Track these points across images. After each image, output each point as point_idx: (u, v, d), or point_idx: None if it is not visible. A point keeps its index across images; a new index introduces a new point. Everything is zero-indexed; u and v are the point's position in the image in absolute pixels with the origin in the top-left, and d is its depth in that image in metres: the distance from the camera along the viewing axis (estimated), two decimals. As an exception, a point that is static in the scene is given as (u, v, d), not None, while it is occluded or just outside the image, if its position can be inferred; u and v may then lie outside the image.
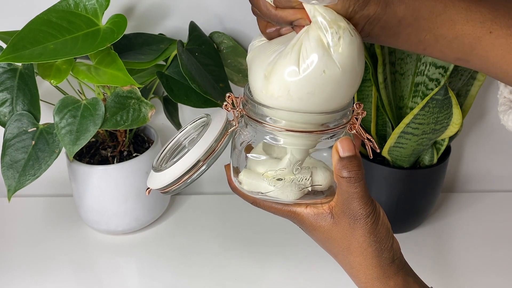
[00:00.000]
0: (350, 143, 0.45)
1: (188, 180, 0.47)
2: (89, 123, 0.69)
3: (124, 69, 0.68)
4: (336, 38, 0.40)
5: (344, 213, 0.46)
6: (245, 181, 0.48)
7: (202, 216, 0.90)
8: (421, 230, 0.86)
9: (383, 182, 0.79)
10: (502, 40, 0.43)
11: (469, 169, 0.97)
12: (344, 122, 0.46)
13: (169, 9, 0.83)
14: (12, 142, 0.71)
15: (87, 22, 0.68)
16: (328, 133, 0.45)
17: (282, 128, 0.44)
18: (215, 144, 0.46)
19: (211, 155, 0.46)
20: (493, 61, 0.44)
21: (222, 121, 0.48)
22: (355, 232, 0.46)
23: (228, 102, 0.47)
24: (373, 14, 0.42)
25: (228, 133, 0.47)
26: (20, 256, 0.82)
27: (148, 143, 0.86)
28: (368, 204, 0.45)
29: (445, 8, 0.43)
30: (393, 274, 0.47)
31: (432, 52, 0.45)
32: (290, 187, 0.47)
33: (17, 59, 0.64)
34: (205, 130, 0.47)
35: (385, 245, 0.47)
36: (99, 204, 0.80)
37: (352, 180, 0.44)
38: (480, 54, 0.44)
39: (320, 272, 0.76)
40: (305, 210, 0.48)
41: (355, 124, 0.47)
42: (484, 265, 0.79)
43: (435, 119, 0.69)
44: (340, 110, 0.45)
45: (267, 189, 0.47)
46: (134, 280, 0.78)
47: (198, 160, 0.46)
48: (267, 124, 0.45)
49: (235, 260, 0.80)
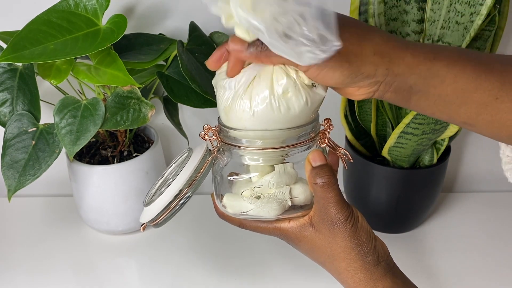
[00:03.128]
0: (320, 153, 0.48)
1: (176, 207, 0.50)
2: (89, 123, 0.69)
3: (124, 69, 0.68)
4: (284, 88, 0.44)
5: (323, 220, 0.48)
6: (228, 204, 0.51)
7: (201, 216, 0.90)
8: (421, 230, 0.86)
9: (383, 182, 0.79)
10: (507, 104, 0.44)
11: (469, 169, 0.97)
12: (312, 136, 0.48)
13: (169, 9, 0.83)
14: (12, 142, 0.71)
15: (87, 22, 0.68)
16: (299, 146, 0.48)
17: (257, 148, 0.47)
18: (196, 172, 0.49)
19: (193, 183, 0.49)
20: (498, 125, 0.45)
21: (201, 151, 0.51)
22: (336, 237, 0.47)
23: (205, 132, 0.50)
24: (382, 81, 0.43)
25: (208, 161, 0.50)
26: (20, 256, 0.82)
27: (148, 143, 0.86)
28: (345, 209, 0.47)
29: (456, 78, 0.44)
30: (380, 277, 0.47)
31: (440, 116, 0.47)
32: (270, 203, 0.49)
33: (17, 59, 0.64)
34: (186, 161, 0.51)
35: (367, 248, 0.48)
36: (99, 204, 0.80)
37: (325, 185, 0.46)
38: (485, 119, 0.45)
39: (320, 272, 0.76)
40: (289, 224, 0.49)
41: (325, 138, 0.49)
42: (484, 265, 0.79)
43: (435, 119, 0.69)
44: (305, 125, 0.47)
45: (248, 208, 0.49)
46: (134, 280, 0.78)
47: (181, 189, 0.49)
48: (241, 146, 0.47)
49: (235, 260, 0.80)
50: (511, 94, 0.44)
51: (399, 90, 0.44)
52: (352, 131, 0.81)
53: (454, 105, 0.45)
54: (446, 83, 0.44)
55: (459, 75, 0.44)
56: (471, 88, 0.44)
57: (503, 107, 0.44)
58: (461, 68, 0.44)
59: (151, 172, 0.81)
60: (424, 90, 0.44)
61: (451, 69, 0.43)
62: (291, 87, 0.44)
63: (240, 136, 0.47)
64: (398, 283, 0.48)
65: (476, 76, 0.44)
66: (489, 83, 0.44)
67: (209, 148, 0.51)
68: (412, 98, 0.45)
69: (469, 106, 0.45)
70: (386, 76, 0.43)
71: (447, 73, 0.43)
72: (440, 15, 0.64)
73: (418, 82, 0.44)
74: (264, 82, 0.44)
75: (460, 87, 0.44)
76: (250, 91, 0.45)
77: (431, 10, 0.64)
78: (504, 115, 0.44)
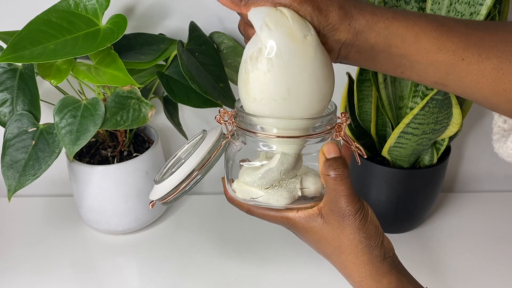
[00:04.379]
0: (336, 146, 0.48)
1: (186, 188, 0.50)
2: (89, 123, 0.69)
3: (124, 69, 0.68)
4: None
5: (332, 211, 0.48)
6: (238, 189, 0.51)
7: (202, 216, 0.90)
8: (421, 230, 0.86)
9: (383, 182, 0.79)
10: (474, 66, 0.44)
11: (469, 169, 0.97)
12: (328, 128, 0.48)
13: (169, 9, 0.83)
14: (12, 142, 0.71)
15: (87, 22, 0.68)
16: (314, 137, 0.48)
17: (272, 135, 0.47)
18: (209, 155, 0.49)
19: (205, 165, 0.49)
20: (470, 86, 0.46)
21: (216, 134, 0.51)
22: (345, 229, 0.47)
23: (221, 115, 0.50)
24: (344, 40, 0.45)
25: (222, 145, 0.50)
26: (20, 256, 0.82)
27: (148, 143, 0.86)
28: (355, 202, 0.47)
29: (417, 38, 0.44)
30: (386, 272, 0.47)
31: (410, 75, 0.48)
32: (280, 191, 0.49)
33: (17, 59, 0.64)
34: (200, 143, 0.51)
35: (375, 242, 0.48)
36: (99, 204, 0.80)
37: (338, 177, 0.46)
38: (456, 79, 0.46)
39: (320, 272, 0.76)
40: (297, 214, 0.49)
41: (340, 131, 0.50)
42: (484, 265, 0.79)
43: (435, 119, 0.69)
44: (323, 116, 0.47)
45: (258, 194, 0.49)
46: (134, 280, 0.78)
47: (193, 170, 0.49)
48: (256, 132, 0.47)
49: (235, 260, 0.80)
50: (477, 55, 0.44)
51: (362, 50, 0.45)
52: (352, 131, 0.81)
53: (421, 65, 0.45)
54: (408, 43, 0.44)
55: (419, 35, 0.44)
56: (434, 49, 0.44)
57: (471, 69, 0.44)
58: (421, 28, 0.44)
59: (151, 172, 0.81)
60: (387, 51, 0.45)
61: (410, 29, 0.44)
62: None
63: (258, 122, 0.47)
64: (403, 280, 0.48)
65: (438, 36, 0.44)
66: (451, 44, 0.44)
67: (224, 132, 0.51)
68: (377, 58, 0.46)
69: (437, 67, 0.45)
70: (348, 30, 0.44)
71: (407, 33, 0.44)
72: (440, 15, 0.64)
73: (378, 40, 0.45)
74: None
75: (423, 47, 0.44)
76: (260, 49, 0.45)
77: (431, 10, 0.64)
78: (473, 77, 0.45)
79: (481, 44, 0.44)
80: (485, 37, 0.44)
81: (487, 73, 0.44)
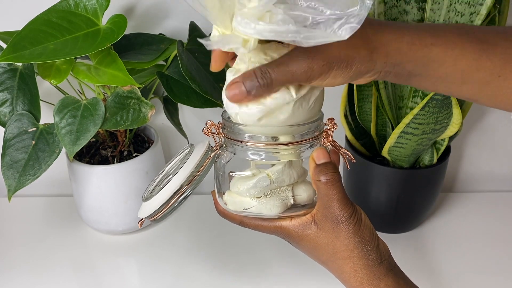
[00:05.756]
0: (325, 151, 0.48)
1: (176, 204, 0.49)
2: (89, 123, 0.69)
3: (124, 69, 0.68)
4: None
5: (326, 217, 0.47)
6: (230, 200, 0.51)
7: (201, 216, 0.90)
8: (421, 230, 0.86)
9: (383, 182, 0.79)
10: (510, 82, 0.44)
11: (469, 169, 0.97)
12: (316, 134, 0.48)
13: (169, 9, 0.83)
14: (12, 142, 0.71)
15: (87, 22, 0.68)
16: (303, 144, 0.48)
17: (261, 143, 0.47)
18: (197, 169, 0.49)
19: (194, 179, 0.49)
20: (503, 99, 0.45)
21: (204, 147, 0.50)
22: (340, 235, 0.47)
23: (208, 127, 0.50)
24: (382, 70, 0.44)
25: (210, 157, 0.50)
26: (20, 256, 0.82)
27: (148, 143, 0.86)
28: (348, 206, 0.47)
29: (455, 61, 0.44)
30: (383, 276, 0.47)
31: (443, 92, 0.48)
32: (273, 200, 0.49)
33: (17, 59, 0.64)
34: (187, 157, 0.50)
35: (371, 246, 0.48)
36: (99, 204, 0.80)
37: (329, 182, 0.46)
38: (489, 94, 0.45)
39: (320, 271, 0.76)
40: (290, 222, 0.49)
41: (328, 137, 0.50)
42: (484, 265, 0.79)
43: (435, 119, 0.69)
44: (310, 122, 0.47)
45: (250, 204, 0.49)
46: (134, 280, 0.78)
47: (181, 185, 0.48)
48: (245, 141, 0.47)
49: (235, 260, 0.80)
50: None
51: (398, 75, 0.45)
52: (352, 131, 0.81)
53: (455, 84, 0.45)
54: (445, 66, 0.44)
55: (459, 58, 0.44)
56: (472, 69, 0.44)
57: (506, 84, 0.44)
58: (461, 50, 0.43)
59: (151, 172, 0.81)
60: (424, 74, 0.45)
61: (450, 52, 0.43)
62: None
63: (246, 131, 0.47)
64: (400, 282, 0.48)
65: (478, 56, 0.44)
66: (490, 63, 0.44)
67: (211, 144, 0.51)
68: (412, 79, 0.46)
69: (471, 85, 0.45)
70: (384, 66, 0.44)
71: (445, 57, 0.44)
72: (440, 15, 0.64)
73: (416, 68, 0.44)
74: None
75: (461, 69, 0.44)
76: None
77: (431, 10, 0.64)
78: (507, 91, 0.44)
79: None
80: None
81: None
